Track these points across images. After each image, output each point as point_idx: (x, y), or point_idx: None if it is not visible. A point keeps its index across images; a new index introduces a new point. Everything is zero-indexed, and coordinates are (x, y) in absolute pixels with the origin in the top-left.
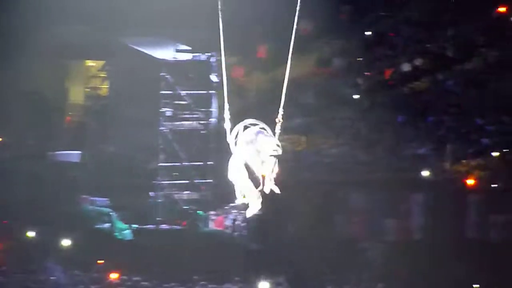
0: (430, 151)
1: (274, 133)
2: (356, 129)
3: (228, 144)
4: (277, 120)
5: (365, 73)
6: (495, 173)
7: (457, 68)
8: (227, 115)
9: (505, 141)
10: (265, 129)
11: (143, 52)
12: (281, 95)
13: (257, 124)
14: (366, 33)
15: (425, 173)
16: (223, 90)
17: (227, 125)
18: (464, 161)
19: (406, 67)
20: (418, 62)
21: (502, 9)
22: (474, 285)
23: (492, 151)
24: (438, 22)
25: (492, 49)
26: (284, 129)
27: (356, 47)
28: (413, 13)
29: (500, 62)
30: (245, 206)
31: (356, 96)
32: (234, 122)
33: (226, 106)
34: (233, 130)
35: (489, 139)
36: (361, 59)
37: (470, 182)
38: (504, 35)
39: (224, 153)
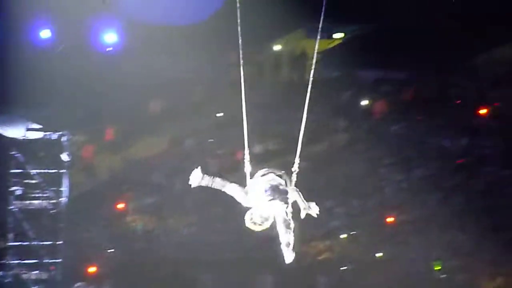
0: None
1: (290, 182)
2: (207, 209)
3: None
4: (293, 169)
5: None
6: (343, 255)
7: (307, 150)
8: (247, 158)
9: (354, 223)
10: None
11: None
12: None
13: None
14: (218, 114)
15: (273, 254)
16: (243, 131)
17: (247, 169)
18: (312, 243)
19: (257, 149)
20: (269, 144)
21: (350, 92)
22: None
23: (341, 234)
24: (289, 104)
25: (342, 132)
26: (133, 209)
27: (207, 128)
28: (263, 96)
29: (350, 144)
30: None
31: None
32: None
33: (247, 150)
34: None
35: (338, 221)
36: (212, 140)
37: (319, 264)
38: (353, 118)
39: (73, 232)
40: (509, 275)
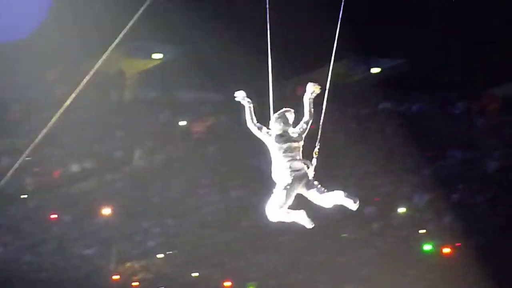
0: (96, 252)
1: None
2: (21, 228)
3: None
4: (314, 154)
5: (34, 171)
6: (159, 275)
7: (124, 170)
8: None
9: (170, 243)
10: None
11: None
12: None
13: None
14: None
15: (88, 272)
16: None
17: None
18: (128, 263)
19: (75, 168)
20: (86, 162)
21: (166, 115)
22: None
23: (157, 254)
24: (107, 123)
25: (159, 151)
26: None
27: (23, 146)
28: (80, 114)
29: (167, 164)
30: None
31: (24, 196)
32: None
33: None
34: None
35: (155, 241)
36: (29, 158)
37: (135, 284)
38: (170, 139)
39: None
40: None
